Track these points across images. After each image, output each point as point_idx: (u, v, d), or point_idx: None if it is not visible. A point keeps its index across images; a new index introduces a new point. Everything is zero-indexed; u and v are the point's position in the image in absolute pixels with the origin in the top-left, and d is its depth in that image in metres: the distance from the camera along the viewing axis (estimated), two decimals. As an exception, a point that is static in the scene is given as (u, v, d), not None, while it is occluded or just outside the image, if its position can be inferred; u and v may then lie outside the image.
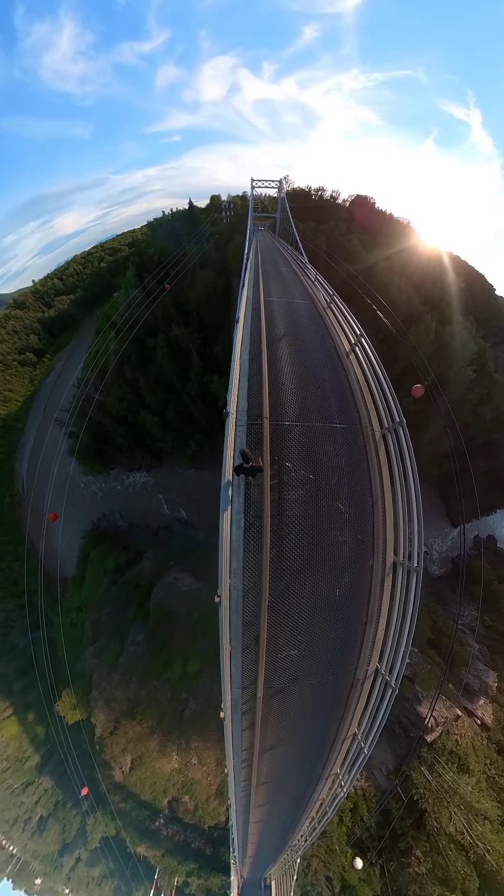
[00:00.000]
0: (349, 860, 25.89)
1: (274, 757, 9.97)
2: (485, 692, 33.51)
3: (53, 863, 39.72)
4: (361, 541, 8.47)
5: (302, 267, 22.46)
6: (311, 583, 7.92)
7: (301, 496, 8.25)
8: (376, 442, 9.29)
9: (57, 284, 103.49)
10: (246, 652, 7.69)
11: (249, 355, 10.92)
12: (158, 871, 35.07)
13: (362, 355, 10.83)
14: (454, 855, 25.38)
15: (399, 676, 7.92)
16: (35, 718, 42.37)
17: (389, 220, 66.42)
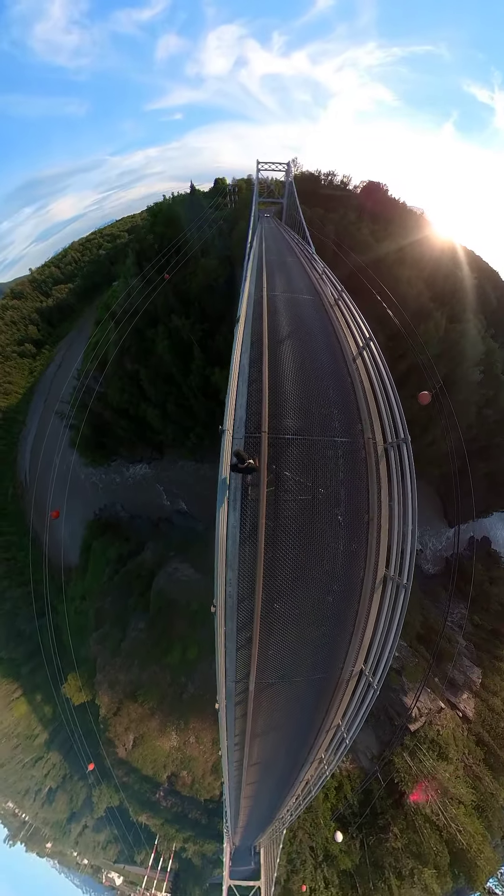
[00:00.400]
0: (332, 833, 28.54)
1: (264, 742, 10.94)
2: (469, 687, 35.50)
3: (62, 829, 43.22)
4: (355, 553, 8.66)
5: (309, 258, 21.28)
6: (302, 592, 8.26)
7: (297, 507, 8.28)
8: (378, 457, 9.09)
9: (55, 273, 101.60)
10: (240, 652, 8.26)
11: (250, 357, 10.49)
12: (158, 837, 38.52)
13: (370, 360, 10.42)
14: (428, 833, 28.00)
15: (381, 679, 8.57)
16: (43, 699, 45.27)
17: (402, 210, 63.61)
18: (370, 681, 8.61)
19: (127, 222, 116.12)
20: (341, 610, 8.73)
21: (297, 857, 30.02)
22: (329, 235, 47.01)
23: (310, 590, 8.34)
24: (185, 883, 41.03)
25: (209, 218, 63.11)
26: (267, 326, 11.82)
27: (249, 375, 9.80)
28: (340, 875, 30.40)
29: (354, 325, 11.98)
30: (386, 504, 8.64)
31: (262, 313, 12.81)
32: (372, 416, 9.63)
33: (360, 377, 10.49)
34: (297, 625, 8.35)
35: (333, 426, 9.40)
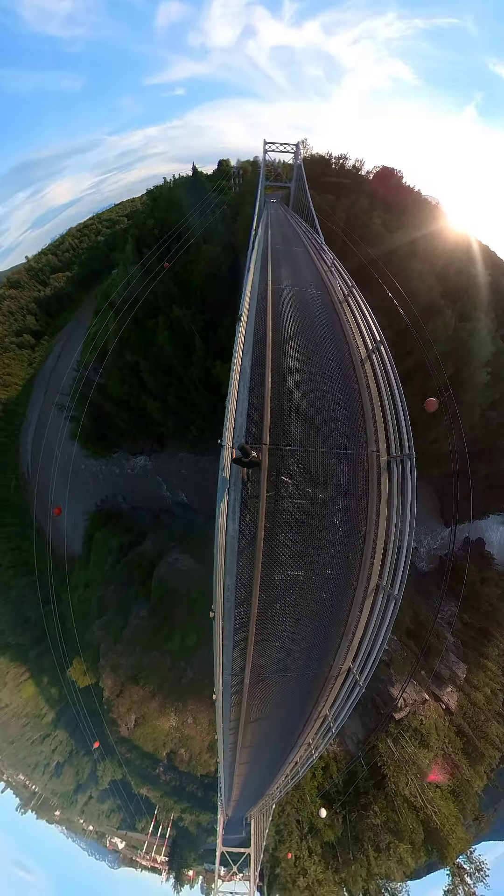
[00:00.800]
0: (317, 809, 31.44)
1: (257, 727, 12.11)
2: (453, 681, 37.67)
3: (69, 799, 46.81)
4: (349, 561, 8.89)
5: (317, 248, 20.15)
6: (297, 595, 8.65)
7: (295, 513, 8.38)
8: (380, 470, 8.97)
9: (52, 261, 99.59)
10: (236, 649, 8.92)
11: (252, 358, 10.09)
12: (158, 808, 41.98)
13: (378, 366, 10.05)
14: (406, 813, 30.79)
15: (368, 677, 9.02)
16: (49, 681, 48.19)
17: (416, 199, 61.23)
18: (357, 679, 9.20)
19: (126, 206, 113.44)
20: (334, 613, 9.20)
21: (285, 828, 33.27)
22: (339, 224, 45.87)
23: (305, 594, 8.74)
24: (182, 848, 44.87)
25: (212, 202, 61.27)
26: (271, 324, 11.31)
27: (251, 379, 9.46)
28: (323, 846, 33.78)
29: (364, 325, 11.40)
30: (384, 518, 8.72)
31: (266, 308, 12.34)
32: (377, 427, 9.41)
33: (368, 383, 10.13)
34: (292, 625, 8.90)
35: (337, 437, 9.22)
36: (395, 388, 9.39)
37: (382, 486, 8.80)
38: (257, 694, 10.21)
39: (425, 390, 42.41)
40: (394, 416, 9.22)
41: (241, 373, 9.68)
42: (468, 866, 31.60)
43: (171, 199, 74.22)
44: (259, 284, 14.70)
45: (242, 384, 9.43)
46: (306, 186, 38.97)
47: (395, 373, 9.61)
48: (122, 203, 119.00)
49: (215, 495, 7.94)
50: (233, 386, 9.21)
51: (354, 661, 9.25)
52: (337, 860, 32.74)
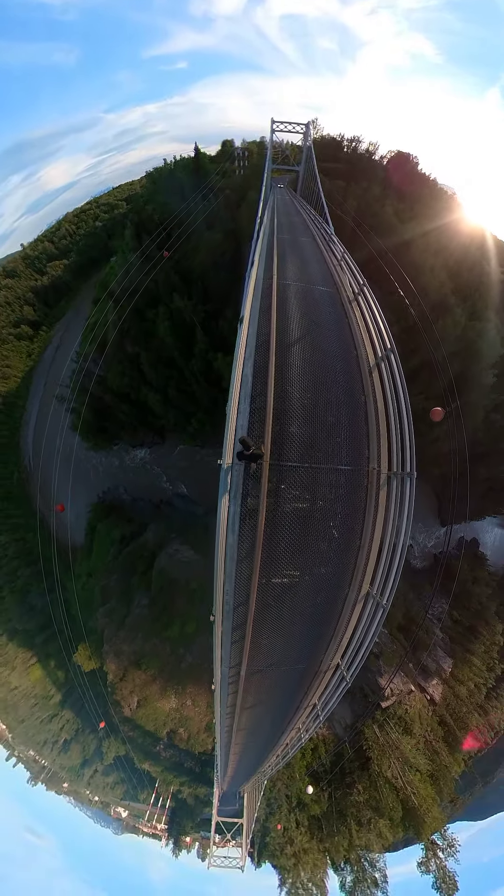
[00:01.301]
0: (304, 786, 34.62)
1: (252, 713, 13.08)
2: (439, 675, 40.07)
3: (76, 773, 50.66)
4: (342, 570, 9.34)
5: (327, 239, 19.34)
6: (291, 600, 9.18)
7: (293, 525, 8.56)
8: (379, 486, 9.03)
9: (48, 248, 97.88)
10: (234, 645, 9.55)
11: (254, 365, 9.70)
12: (158, 781, 45.73)
13: (387, 375, 9.80)
14: (387, 792, 33.90)
15: (354, 674, 9.77)
16: (56, 665, 51.39)
17: (432, 188, 59.12)
18: (344, 675, 10.02)
19: (125, 190, 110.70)
20: (326, 615, 9.87)
21: (275, 802, 36.85)
22: (349, 212, 44.68)
23: (299, 598, 9.33)
24: (180, 818, 48.81)
25: (215, 186, 59.21)
26: (275, 326, 10.80)
27: (253, 388, 9.11)
28: (310, 819, 37.52)
29: (374, 328, 11.04)
30: (378, 534, 9.00)
31: (270, 307, 11.73)
32: (381, 441, 9.33)
33: (375, 395, 9.91)
34: (286, 625, 9.58)
35: (339, 452, 9.15)
36: (403, 400, 9.22)
37: (380, 502, 8.98)
38: (252, 684, 11.12)
39: (430, 389, 43.16)
40: (398, 431, 9.16)
41: (241, 381, 9.24)
42: (441, 842, 34.88)
43: (171, 182, 72.36)
44: (263, 280, 13.92)
45: (244, 395, 9.08)
46: (316, 171, 37.44)
47: (403, 384, 9.37)
48: (120, 186, 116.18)
49: (215, 487, 8.11)
50: (233, 398, 8.98)
51: (343, 658, 10.08)
52: (322, 832, 36.35)
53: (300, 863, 38.44)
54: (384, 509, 8.99)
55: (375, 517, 9.05)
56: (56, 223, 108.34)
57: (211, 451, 57.70)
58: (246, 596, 8.53)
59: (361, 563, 9.28)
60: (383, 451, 9.31)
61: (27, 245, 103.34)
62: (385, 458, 9.27)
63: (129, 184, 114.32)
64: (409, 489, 8.60)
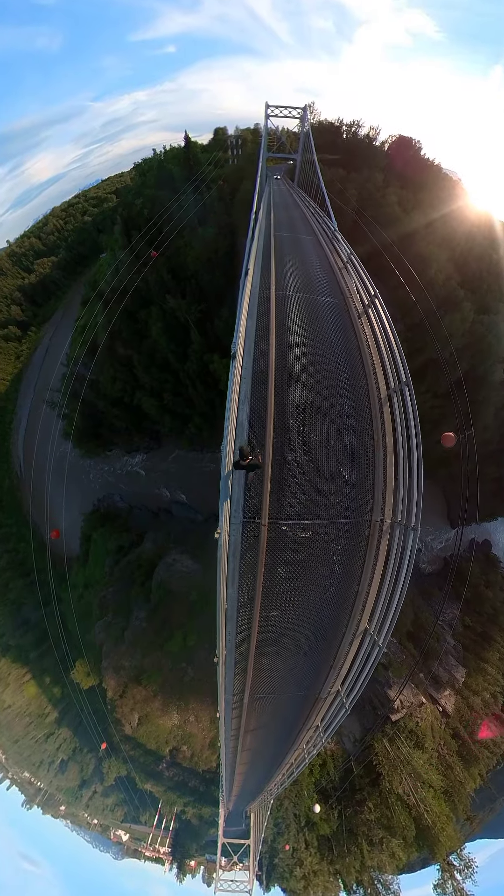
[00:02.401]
0: (311, 804, 34.85)
1: (255, 734, 14.25)
2: (451, 685, 40.05)
3: (74, 795, 50.87)
4: (340, 610, 9.84)
5: (330, 237, 18.43)
6: (290, 636, 9.88)
7: (289, 575, 8.81)
8: (381, 534, 9.08)
9: (36, 244, 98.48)
10: (237, 676, 10.51)
11: (251, 405, 8.95)
12: (161, 802, 46.03)
13: (399, 411, 9.34)
14: (399, 810, 33.85)
15: (354, 701, 10.31)
16: (52, 681, 51.63)
17: (436, 174, 58.53)
18: (344, 702, 10.52)
19: (114, 182, 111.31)
20: (324, 649, 10.54)
21: (283, 821, 37.20)
22: (350, 202, 44.26)
23: (298, 634, 9.97)
24: (184, 840, 49.09)
25: (207, 177, 59.17)
26: (274, 363, 9.83)
27: (249, 435, 8.68)
28: (319, 839, 37.69)
29: (387, 352, 10.42)
30: (377, 579, 9.21)
31: (268, 328, 10.87)
32: (387, 489, 9.08)
33: (384, 436, 9.48)
34: (286, 657, 10.35)
35: (342, 505, 9.02)
36: (415, 442, 8.91)
37: (381, 551, 9.14)
38: (255, 709, 12.12)
39: (437, 387, 43.77)
40: (407, 477, 8.94)
41: (237, 430, 8.69)
42: (458, 863, 35.03)
43: (161, 174, 71.82)
44: (260, 290, 12.93)
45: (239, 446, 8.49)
46: (315, 158, 36.62)
47: (417, 425, 9.02)
48: (109, 178, 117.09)
49: (214, 493, 8.53)
50: (227, 447, 8.54)
51: (343, 686, 10.61)
52: (332, 852, 36.61)
53: (310, 885, 38.60)
54: (384, 557, 9.18)
55: (375, 565, 9.27)
56: (43, 218, 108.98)
57: (209, 455, 57.97)
58: (247, 635, 9.18)
59: (359, 606, 9.66)
60: (389, 498, 9.15)
61: (13, 242, 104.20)
62: (390, 506, 9.15)
63: (119, 175, 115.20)
64: (412, 542, 8.57)
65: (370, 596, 9.44)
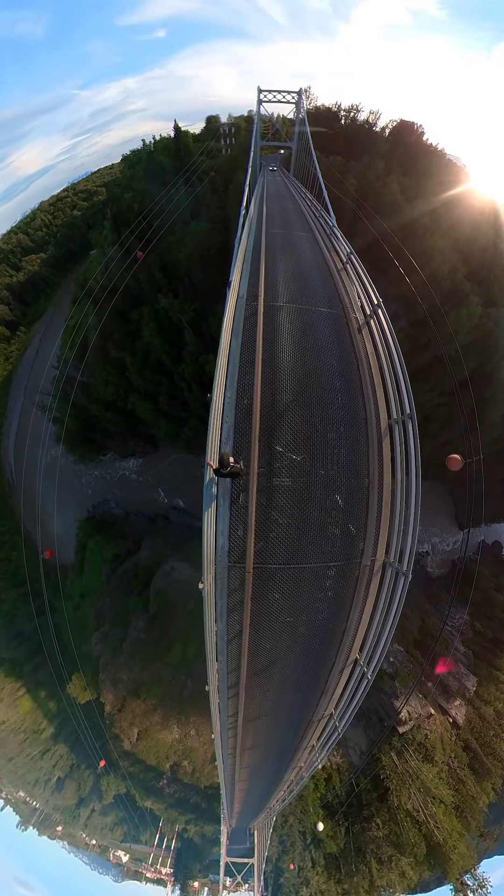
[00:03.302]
0: (315, 822, 34.71)
1: (252, 753, 14.84)
2: (462, 694, 39.98)
3: (72, 814, 51.00)
4: (328, 643, 10.30)
5: (328, 233, 17.70)
6: (280, 667, 10.43)
7: (277, 611, 9.07)
8: (371, 574, 9.22)
9: (23, 241, 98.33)
10: (230, 700, 11.19)
11: (234, 443, 8.68)
12: (162, 820, 46.18)
13: (400, 446, 9.06)
14: (408, 827, 33.85)
15: (346, 725, 10.79)
16: (47, 695, 51.81)
17: (439, 160, 58.14)
18: (336, 725, 11.13)
19: (104, 174, 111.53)
20: (315, 678, 10.97)
21: (288, 839, 37.33)
22: (350, 193, 43.54)
23: (288, 665, 10.42)
24: (187, 860, 49.23)
25: (199, 168, 59.09)
26: (260, 380, 9.24)
27: (231, 494, 8.47)
28: (326, 857, 37.76)
29: (391, 376, 9.87)
30: (367, 618, 9.50)
31: (255, 352, 10.01)
32: (380, 530, 9.11)
33: (382, 477, 9.21)
34: (277, 685, 10.95)
35: (333, 550, 9.04)
36: (414, 484, 8.69)
37: (371, 590, 9.35)
38: (251, 729, 12.76)
39: (442, 385, 43.86)
40: (402, 519, 8.88)
41: (217, 510, 8.48)
42: (472, 882, 34.91)
43: (151, 166, 72.80)
44: (247, 302, 12.05)
45: (222, 501, 8.50)
46: (312, 146, 35.72)
47: (418, 461, 8.69)
48: (99, 171, 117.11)
49: None
50: (209, 513, 8.39)
51: (336, 709, 11.09)
52: (339, 871, 36.64)
53: (317, 906, 38.64)
54: (373, 602, 9.44)
55: (364, 603, 9.55)
56: (30, 213, 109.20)
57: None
58: (237, 664, 9.56)
59: (349, 639, 10.01)
60: (382, 537, 9.19)
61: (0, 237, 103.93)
62: (383, 546, 9.23)
63: (109, 167, 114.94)
64: (403, 586, 8.71)
65: (360, 630, 9.79)
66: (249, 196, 26.19)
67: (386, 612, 9.09)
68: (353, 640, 9.92)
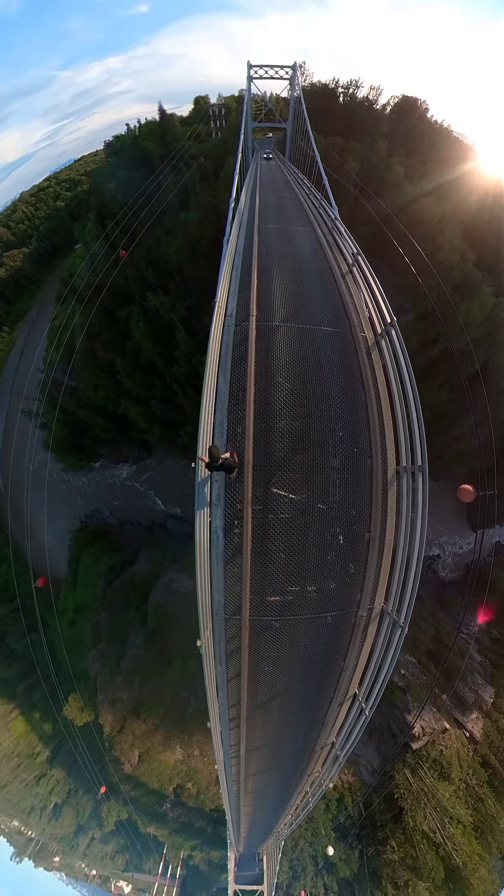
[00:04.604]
0: (325, 847, 34.89)
1: (256, 779, 15.40)
2: (479, 707, 39.93)
3: (70, 843, 51.11)
4: (326, 680, 10.92)
5: (329, 227, 16.82)
6: (278, 706, 11.13)
7: (273, 656, 9.75)
8: (368, 621, 9.59)
9: (4, 235, 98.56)
10: (231, 731, 12.02)
11: (223, 513, 8.71)
12: (166, 846, 46.37)
13: (407, 498, 8.80)
14: (425, 849, 33.81)
15: (349, 752, 11.69)
16: (41, 717, 52.08)
17: (446, 138, 57.21)
18: (338, 754, 11.94)
19: (88, 162, 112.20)
20: (315, 710, 11.59)
21: (299, 863, 37.48)
22: (351, 177, 43.17)
23: (286, 701, 11.13)
24: (193, 888, 49.22)
25: (187, 154, 58.43)
26: (251, 446, 8.59)
27: (224, 550, 8.76)
28: (339, 882, 37.88)
29: (403, 419, 9.24)
30: (363, 662, 10.02)
31: (246, 370, 9.42)
32: (379, 580, 9.34)
33: (385, 527, 9.11)
34: (277, 718, 11.60)
35: (327, 601, 9.36)
36: (418, 542, 8.58)
37: (368, 637, 9.71)
38: (254, 758, 13.42)
39: (452, 380, 44.20)
40: (402, 571, 8.97)
41: (211, 567, 8.74)
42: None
43: (135, 153, 71.67)
44: (237, 316, 11.13)
45: (216, 560, 8.77)
46: (309, 127, 34.76)
47: (424, 519, 8.57)
48: (83, 158, 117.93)
49: None
50: (202, 570, 8.64)
51: (337, 738, 11.75)
52: (354, 898, 36.90)
53: (331, 935, 38.79)
54: (368, 653, 9.89)
55: (361, 647, 9.93)
56: (11, 205, 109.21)
57: (206, 463, 58.21)
58: (237, 699, 10.42)
59: (346, 677, 10.46)
60: (380, 590, 9.38)
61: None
62: (381, 597, 9.38)
63: (93, 154, 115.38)
64: (399, 638, 8.92)
65: (358, 668, 10.25)
66: (240, 185, 25.18)
67: (382, 658, 9.44)
68: (351, 677, 10.35)
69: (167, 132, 70.84)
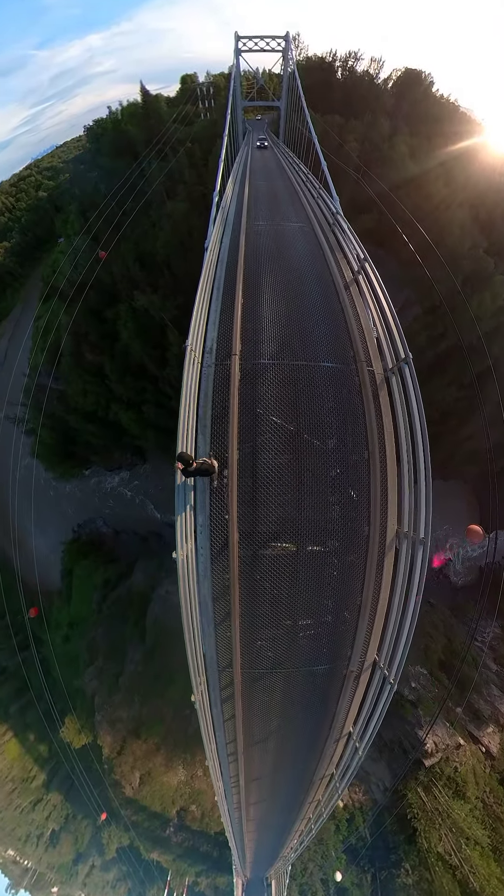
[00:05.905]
0: (334, 872, 35.42)
1: (257, 808, 16.43)
2: (495, 720, 40.08)
3: (69, 871, 51.65)
4: (321, 721, 11.59)
5: (330, 223, 15.88)
6: (274, 742, 12.36)
7: (268, 700, 11.01)
8: (361, 672, 10.18)
9: None
10: (230, 765, 13.16)
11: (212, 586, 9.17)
12: (170, 873, 46.97)
13: (404, 567, 8.84)
14: (441, 872, 33.89)
15: (348, 783, 12.44)
16: (36, 739, 52.56)
17: (452, 114, 56.24)
18: (337, 785, 12.72)
19: (71, 148, 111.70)
20: (311, 746, 12.39)
21: (308, 887, 37.88)
22: (351, 159, 42.17)
23: (283, 739, 12.27)
24: (199, 918, 50.12)
25: (173, 137, 57.90)
26: (236, 500, 8.58)
27: (214, 614, 9.65)
28: (351, 908, 38.10)
29: (408, 446, 8.74)
30: (356, 707, 10.82)
31: (228, 431, 9.02)
32: (372, 634, 9.71)
33: (379, 592, 9.35)
34: (274, 752, 12.68)
35: (319, 656, 10.09)
36: (412, 607, 8.71)
37: (360, 687, 10.35)
38: (254, 788, 14.64)
39: (462, 377, 44.68)
40: (396, 627, 9.14)
41: (200, 607, 9.32)
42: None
43: (117, 138, 70.96)
44: (217, 353, 10.06)
45: (207, 628, 9.71)
46: (304, 104, 33.35)
47: (421, 584, 8.55)
48: (65, 144, 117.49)
49: None
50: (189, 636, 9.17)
51: (337, 769, 12.55)
52: (367, 924, 37.34)
53: None
54: (362, 694, 10.56)
55: (353, 697, 10.63)
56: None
57: (203, 468, 58.68)
58: (234, 735, 11.88)
59: (340, 719, 11.21)
60: (372, 647, 9.85)
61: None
62: (374, 647, 9.85)
63: (76, 140, 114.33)
64: (389, 694, 9.38)
65: (351, 710, 11.04)
66: (227, 172, 23.38)
67: (372, 709, 10.06)
68: (344, 720, 11.15)
69: (151, 114, 70.09)
